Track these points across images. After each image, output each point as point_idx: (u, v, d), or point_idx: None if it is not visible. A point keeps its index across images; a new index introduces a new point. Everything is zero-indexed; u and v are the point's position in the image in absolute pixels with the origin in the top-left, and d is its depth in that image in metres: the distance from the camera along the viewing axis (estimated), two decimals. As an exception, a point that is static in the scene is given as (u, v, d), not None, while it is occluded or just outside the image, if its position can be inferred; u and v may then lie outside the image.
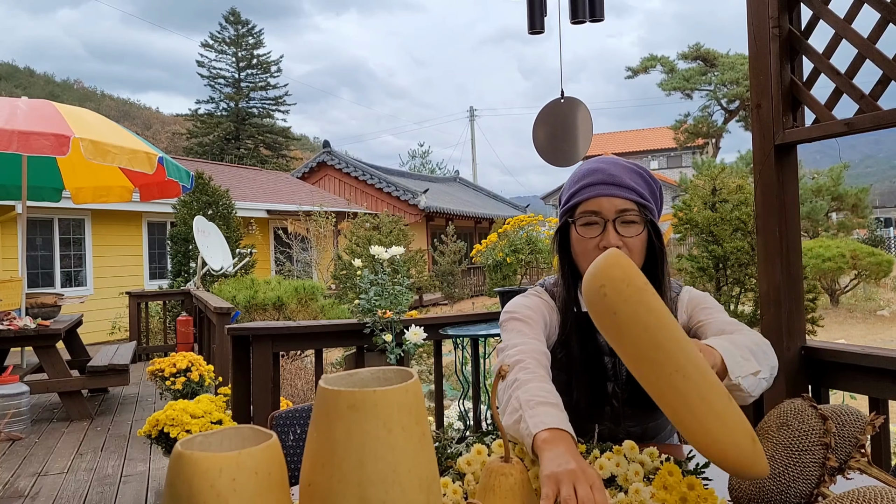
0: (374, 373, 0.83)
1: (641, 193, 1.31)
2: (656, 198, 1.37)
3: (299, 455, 1.55)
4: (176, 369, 4.92)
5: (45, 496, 3.62)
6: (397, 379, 0.79)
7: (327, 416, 0.72)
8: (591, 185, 1.31)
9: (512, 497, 0.86)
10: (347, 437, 0.72)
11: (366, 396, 0.70)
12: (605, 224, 1.30)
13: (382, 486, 0.69)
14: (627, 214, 1.30)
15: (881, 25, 1.71)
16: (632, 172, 1.33)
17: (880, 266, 14.25)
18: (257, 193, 15.39)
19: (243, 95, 33.96)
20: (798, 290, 1.95)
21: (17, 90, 39.81)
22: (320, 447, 0.72)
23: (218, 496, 0.67)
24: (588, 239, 1.31)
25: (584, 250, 1.32)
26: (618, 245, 1.27)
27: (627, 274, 0.91)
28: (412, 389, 0.74)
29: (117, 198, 6.63)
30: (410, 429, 0.71)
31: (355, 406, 0.70)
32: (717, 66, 30.74)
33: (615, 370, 1.37)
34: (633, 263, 0.93)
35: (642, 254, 1.33)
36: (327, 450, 0.71)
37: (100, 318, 10.34)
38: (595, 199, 1.30)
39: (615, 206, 1.29)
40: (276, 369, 2.94)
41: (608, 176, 1.31)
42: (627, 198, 1.30)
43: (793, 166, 1.96)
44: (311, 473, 0.72)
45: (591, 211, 1.30)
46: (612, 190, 1.30)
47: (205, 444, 0.75)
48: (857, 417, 0.95)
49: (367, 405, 0.70)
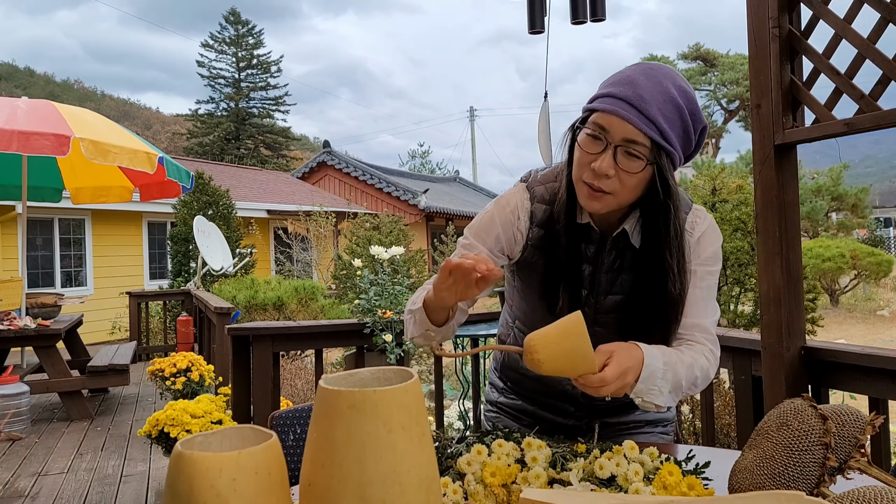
0: (374, 373, 0.84)
1: (664, 131, 1.13)
2: (690, 141, 1.19)
3: (299, 455, 1.55)
4: (176, 369, 4.93)
5: (45, 496, 3.62)
6: (397, 379, 0.79)
7: (327, 416, 0.72)
8: (613, 97, 1.14)
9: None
10: (347, 437, 0.72)
11: (365, 396, 0.70)
12: (606, 146, 1.14)
13: (382, 486, 0.69)
14: (634, 147, 1.13)
15: (881, 25, 1.71)
16: (669, 103, 1.13)
17: (880, 266, 14.26)
18: (257, 193, 15.39)
19: (243, 95, 33.96)
20: (798, 290, 1.95)
21: (17, 90, 39.81)
22: (320, 447, 0.72)
23: (218, 496, 0.67)
24: (585, 153, 1.17)
25: (579, 162, 1.19)
26: (608, 174, 1.14)
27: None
28: (412, 389, 0.74)
29: (117, 198, 6.63)
30: (410, 428, 0.71)
31: (355, 406, 0.70)
32: (716, 66, 30.76)
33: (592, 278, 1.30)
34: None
35: (634, 193, 1.18)
36: (327, 450, 0.71)
37: (100, 318, 10.34)
38: (608, 115, 1.14)
39: (625, 133, 1.12)
40: (276, 369, 2.94)
41: (636, 96, 1.12)
42: (642, 129, 1.11)
43: (793, 166, 1.96)
44: (311, 473, 0.72)
45: (600, 126, 1.15)
46: (631, 114, 1.12)
47: (205, 443, 0.75)
48: (857, 417, 0.95)
49: (367, 405, 0.70)
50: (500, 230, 1.32)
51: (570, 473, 1.00)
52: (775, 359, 1.93)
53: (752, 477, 0.95)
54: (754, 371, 2.17)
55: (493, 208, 1.35)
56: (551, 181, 1.32)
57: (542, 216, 1.30)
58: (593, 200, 1.18)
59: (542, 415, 1.47)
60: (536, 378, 1.37)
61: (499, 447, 1.05)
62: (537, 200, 1.31)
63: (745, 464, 0.98)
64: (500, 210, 1.34)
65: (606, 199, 1.18)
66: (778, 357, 1.92)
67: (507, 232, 1.32)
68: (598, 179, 1.15)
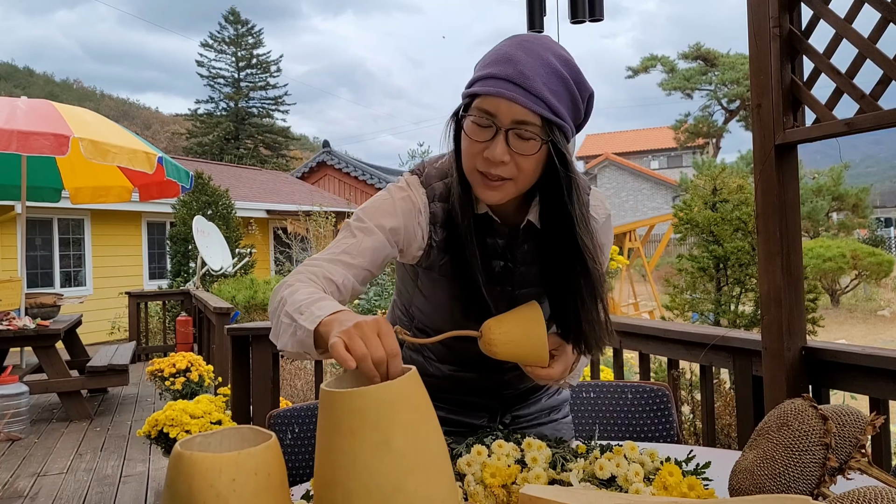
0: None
1: (553, 106, 1.06)
2: (578, 111, 1.13)
3: (297, 454, 1.56)
4: (175, 369, 4.92)
5: (44, 496, 3.61)
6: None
7: (330, 418, 0.72)
8: (495, 78, 1.06)
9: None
10: (352, 437, 0.72)
11: (365, 393, 0.70)
12: (497, 131, 1.07)
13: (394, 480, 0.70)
14: (525, 128, 1.06)
15: (881, 25, 1.71)
16: (553, 76, 1.07)
17: (881, 266, 14.27)
18: (257, 193, 15.39)
19: (243, 95, 33.96)
20: (798, 291, 1.94)
21: (17, 90, 39.83)
22: (328, 449, 0.72)
23: (217, 496, 0.67)
24: (474, 142, 1.09)
25: (470, 152, 1.11)
26: (504, 160, 1.07)
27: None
28: (411, 383, 0.74)
29: (116, 198, 6.62)
30: (415, 421, 0.72)
31: (385, 398, 0.71)
32: (717, 65, 30.76)
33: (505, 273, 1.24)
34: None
35: (534, 176, 1.12)
36: (375, 446, 0.71)
37: (99, 319, 10.34)
38: (493, 99, 1.06)
39: (513, 115, 1.05)
40: (275, 369, 2.93)
41: (519, 74, 1.05)
42: (532, 108, 1.05)
43: (793, 166, 1.96)
44: (324, 476, 0.73)
45: (486, 111, 1.07)
46: (516, 93, 1.04)
47: (204, 444, 0.75)
48: (858, 418, 0.95)
49: (398, 394, 0.71)
50: (402, 221, 1.20)
51: (570, 474, 0.99)
52: (776, 359, 1.93)
53: (752, 477, 0.95)
54: (755, 371, 2.16)
55: (395, 196, 1.22)
56: (447, 176, 1.23)
57: (443, 216, 1.21)
58: (491, 190, 1.11)
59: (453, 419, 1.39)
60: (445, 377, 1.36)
61: (499, 448, 1.04)
62: (437, 199, 1.21)
63: (746, 464, 0.98)
64: (402, 202, 1.21)
65: (506, 187, 1.11)
66: (778, 357, 1.92)
67: (409, 226, 1.20)
68: (494, 167, 1.08)
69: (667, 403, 1.67)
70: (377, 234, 1.17)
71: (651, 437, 1.66)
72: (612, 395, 1.72)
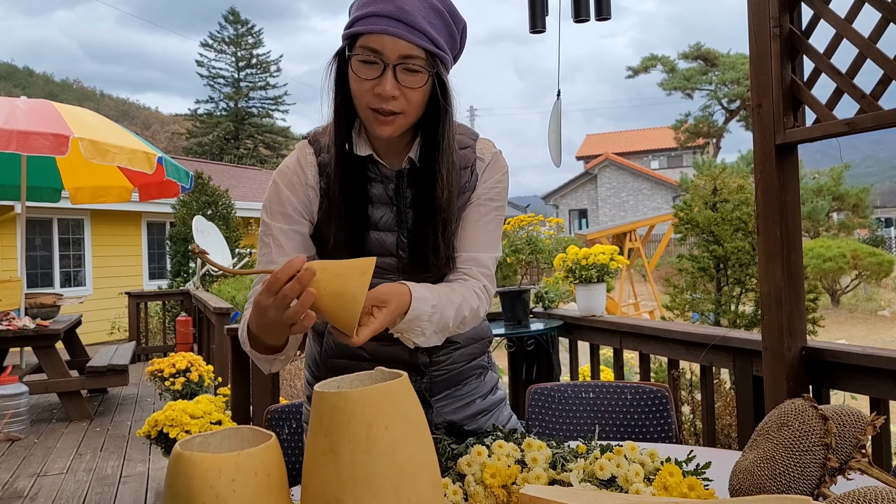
0: (371, 374, 0.84)
1: (434, 39, 1.12)
2: (455, 42, 1.18)
3: (293, 449, 1.58)
4: (175, 370, 4.92)
5: (44, 497, 3.61)
6: (390, 378, 0.79)
7: (319, 420, 0.72)
8: (377, 15, 1.10)
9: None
10: (312, 437, 0.72)
11: (348, 397, 0.70)
12: (385, 67, 1.11)
13: (378, 486, 0.69)
14: (412, 62, 1.11)
15: (882, 25, 1.71)
16: (430, 10, 1.12)
17: (881, 266, 14.27)
18: (257, 193, 15.39)
19: (243, 95, 33.97)
20: (799, 291, 1.94)
21: (17, 90, 39.83)
22: (314, 450, 0.72)
23: (217, 497, 0.67)
24: (363, 80, 1.12)
25: (360, 91, 1.14)
26: (394, 95, 1.11)
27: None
28: (399, 388, 0.73)
29: (116, 198, 6.62)
30: (370, 435, 0.70)
31: (339, 406, 0.70)
32: (717, 65, 30.77)
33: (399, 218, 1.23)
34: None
35: (421, 108, 1.16)
36: (323, 452, 0.71)
37: (99, 319, 10.34)
38: (378, 36, 1.09)
39: (399, 50, 1.10)
40: (275, 369, 2.93)
41: (399, 10, 1.09)
42: (416, 42, 1.10)
43: (794, 166, 1.96)
44: (312, 476, 0.72)
45: (372, 49, 1.10)
46: (399, 29, 1.09)
47: (204, 444, 0.75)
48: (858, 418, 0.95)
49: (353, 405, 0.70)
50: (289, 194, 1.23)
51: (570, 474, 0.99)
52: (776, 359, 1.93)
53: (752, 478, 0.95)
54: (755, 371, 2.16)
55: (276, 177, 1.25)
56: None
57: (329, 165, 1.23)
58: (385, 125, 1.14)
59: None
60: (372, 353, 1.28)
61: (499, 448, 1.04)
62: (324, 151, 1.24)
63: (746, 464, 0.97)
64: (281, 176, 1.24)
65: (398, 121, 1.14)
66: (779, 357, 1.92)
67: (298, 194, 1.23)
68: (385, 102, 1.12)
69: (666, 404, 1.67)
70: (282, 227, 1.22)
71: (650, 437, 1.65)
72: (611, 395, 1.72)
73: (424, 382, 1.31)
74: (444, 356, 1.32)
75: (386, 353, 1.27)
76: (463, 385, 1.36)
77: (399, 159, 1.25)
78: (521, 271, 6.44)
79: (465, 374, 1.36)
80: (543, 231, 6.60)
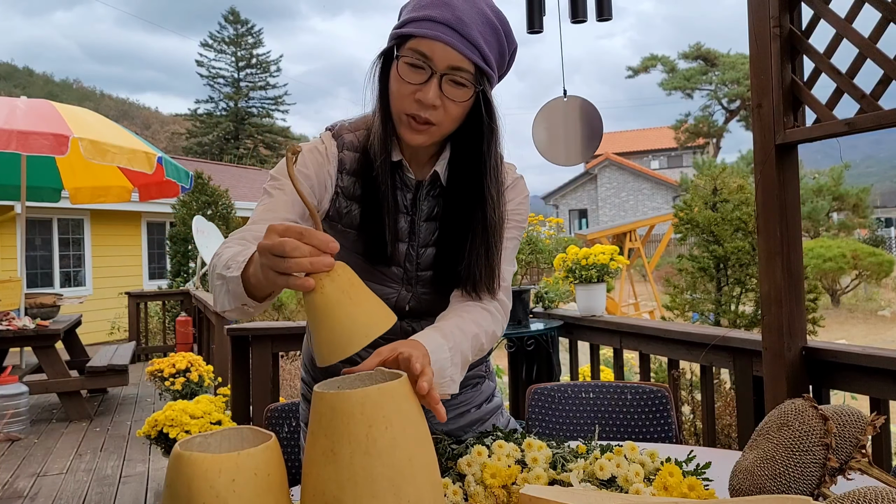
0: (371, 375, 0.83)
1: (485, 55, 1.08)
2: (504, 62, 1.15)
3: (292, 448, 1.58)
4: (175, 370, 4.92)
5: (44, 497, 3.61)
6: (390, 379, 0.78)
7: (319, 420, 0.72)
8: (432, 20, 1.06)
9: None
10: (311, 437, 0.72)
11: (348, 397, 0.70)
12: (431, 75, 1.07)
13: (378, 487, 0.69)
14: (459, 74, 1.07)
15: (882, 25, 1.71)
16: (487, 25, 1.08)
17: (881, 266, 14.28)
18: (257, 193, 15.33)
19: (243, 95, 33.97)
20: (799, 291, 1.94)
21: (16, 90, 39.83)
22: (314, 450, 0.72)
23: (217, 497, 0.67)
24: (406, 83, 1.08)
25: (399, 94, 1.10)
26: (435, 104, 1.07)
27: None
28: (399, 388, 0.73)
29: (116, 198, 6.62)
30: (370, 436, 0.70)
31: (338, 407, 0.70)
32: (717, 65, 30.78)
33: (412, 229, 1.22)
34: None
35: (457, 123, 1.13)
36: (323, 452, 0.71)
37: (99, 319, 10.33)
38: (429, 41, 1.06)
39: (449, 60, 1.06)
40: (275, 369, 2.93)
41: (456, 20, 1.05)
42: (467, 55, 1.06)
43: (794, 166, 1.96)
44: (312, 477, 0.72)
45: (421, 53, 1.06)
46: (454, 38, 1.05)
47: (204, 444, 0.75)
48: (858, 418, 0.95)
49: (352, 405, 0.69)
50: (313, 171, 1.18)
51: (570, 474, 0.99)
52: (776, 359, 1.93)
53: (752, 478, 0.94)
54: (755, 371, 2.16)
55: (310, 155, 1.21)
56: (360, 129, 1.22)
57: (353, 164, 1.20)
58: (417, 133, 1.11)
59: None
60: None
61: (499, 448, 1.04)
62: (346, 148, 1.21)
63: (746, 464, 0.97)
64: (310, 153, 1.20)
65: (431, 131, 1.11)
66: (779, 357, 1.92)
67: (320, 174, 1.19)
68: (424, 110, 1.08)
69: (666, 405, 1.67)
70: (290, 187, 1.15)
71: (650, 437, 1.65)
72: (611, 395, 1.72)
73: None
74: None
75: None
76: (459, 393, 1.34)
77: (421, 169, 1.22)
78: (521, 271, 6.44)
79: (462, 384, 1.32)
80: (543, 231, 6.60)
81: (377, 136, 1.15)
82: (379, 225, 1.17)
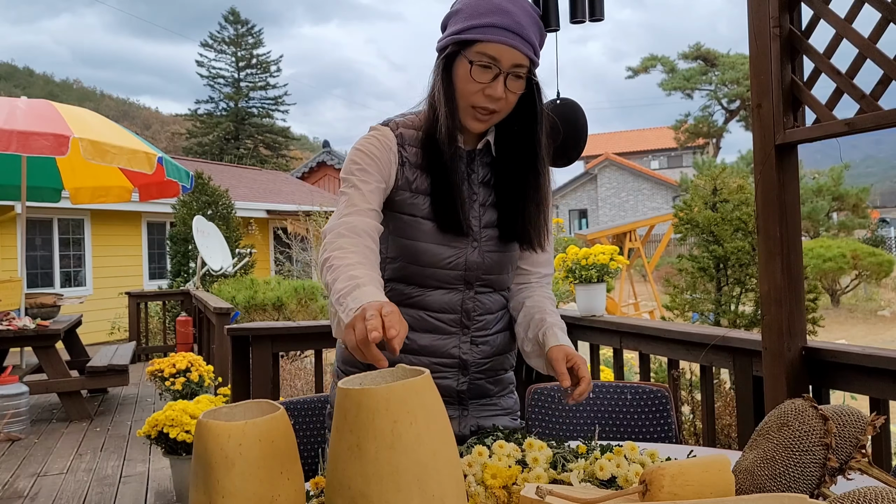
0: (393, 371, 0.84)
1: (537, 50, 1.29)
2: (539, 51, 1.34)
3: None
4: (175, 370, 4.92)
5: (44, 497, 3.61)
6: (412, 376, 0.80)
7: (345, 416, 0.72)
8: (498, 27, 1.23)
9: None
10: (336, 433, 0.73)
11: (374, 393, 0.71)
12: (498, 73, 1.25)
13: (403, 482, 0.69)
14: (520, 70, 1.27)
15: (882, 25, 1.71)
16: (534, 24, 1.27)
17: (881, 266, 14.28)
18: (257, 193, 15.38)
19: (243, 95, 33.95)
20: (799, 291, 1.94)
21: (17, 90, 39.83)
22: (340, 445, 0.73)
23: (226, 458, 0.77)
24: (477, 83, 1.26)
25: (469, 91, 1.27)
26: (501, 97, 1.26)
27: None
28: (422, 384, 0.74)
29: (116, 198, 6.62)
30: (396, 431, 0.71)
31: (364, 403, 0.71)
32: (717, 65, 30.77)
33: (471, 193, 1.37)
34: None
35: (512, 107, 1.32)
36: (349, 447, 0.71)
37: (99, 319, 10.33)
38: (496, 45, 1.24)
39: (513, 59, 1.25)
40: (275, 370, 2.93)
41: (516, 24, 1.24)
42: (526, 53, 1.25)
43: (793, 166, 1.96)
44: (337, 472, 0.73)
45: (491, 56, 1.24)
46: (517, 41, 1.24)
47: (230, 414, 0.86)
48: (858, 418, 0.95)
49: (377, 401, 0.71)
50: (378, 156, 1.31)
51: (570, 474, 0.99)
52: (776, 359, 1.93)
53: (752, 478, 0.95)
54: (755, 371, 2.16)
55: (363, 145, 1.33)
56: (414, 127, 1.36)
57: (415, 159, 1.34)
58: (482, 122, 1.30)
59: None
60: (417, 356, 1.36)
61: (499, 448, 1.04)
62: (408, 143, 1.34)
63: (746, 464, 0.98)
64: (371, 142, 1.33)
65: (492, 118, 1.30)
66: (779, 357, 1.92)
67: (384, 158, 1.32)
68: (493, 103, 1.27)
69: (666, 405, 1.67)
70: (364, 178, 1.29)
71: (650, 437, 1.66)
72: (611, 395, 1.72)
73: (465, 382, 1.39)
74: (482, 349, 1.40)
75: (439, 347, 1.36)
76: (496, 396, 1.47)
77: (471, 139, 1.37)
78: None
79: (498, 383, 1.47)
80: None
81: (444, 125, 1.29)
82: (450, 195, 1.31)
